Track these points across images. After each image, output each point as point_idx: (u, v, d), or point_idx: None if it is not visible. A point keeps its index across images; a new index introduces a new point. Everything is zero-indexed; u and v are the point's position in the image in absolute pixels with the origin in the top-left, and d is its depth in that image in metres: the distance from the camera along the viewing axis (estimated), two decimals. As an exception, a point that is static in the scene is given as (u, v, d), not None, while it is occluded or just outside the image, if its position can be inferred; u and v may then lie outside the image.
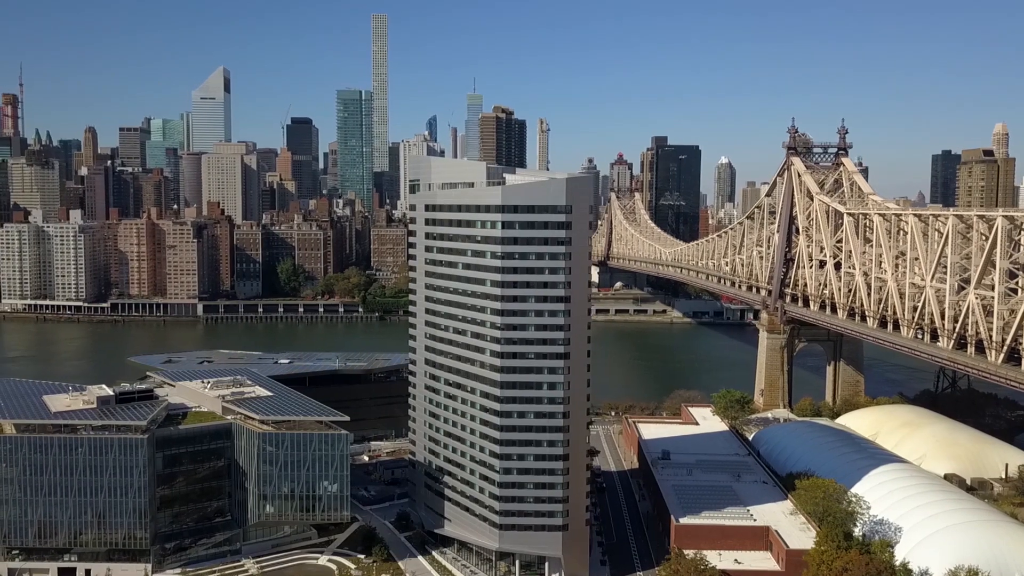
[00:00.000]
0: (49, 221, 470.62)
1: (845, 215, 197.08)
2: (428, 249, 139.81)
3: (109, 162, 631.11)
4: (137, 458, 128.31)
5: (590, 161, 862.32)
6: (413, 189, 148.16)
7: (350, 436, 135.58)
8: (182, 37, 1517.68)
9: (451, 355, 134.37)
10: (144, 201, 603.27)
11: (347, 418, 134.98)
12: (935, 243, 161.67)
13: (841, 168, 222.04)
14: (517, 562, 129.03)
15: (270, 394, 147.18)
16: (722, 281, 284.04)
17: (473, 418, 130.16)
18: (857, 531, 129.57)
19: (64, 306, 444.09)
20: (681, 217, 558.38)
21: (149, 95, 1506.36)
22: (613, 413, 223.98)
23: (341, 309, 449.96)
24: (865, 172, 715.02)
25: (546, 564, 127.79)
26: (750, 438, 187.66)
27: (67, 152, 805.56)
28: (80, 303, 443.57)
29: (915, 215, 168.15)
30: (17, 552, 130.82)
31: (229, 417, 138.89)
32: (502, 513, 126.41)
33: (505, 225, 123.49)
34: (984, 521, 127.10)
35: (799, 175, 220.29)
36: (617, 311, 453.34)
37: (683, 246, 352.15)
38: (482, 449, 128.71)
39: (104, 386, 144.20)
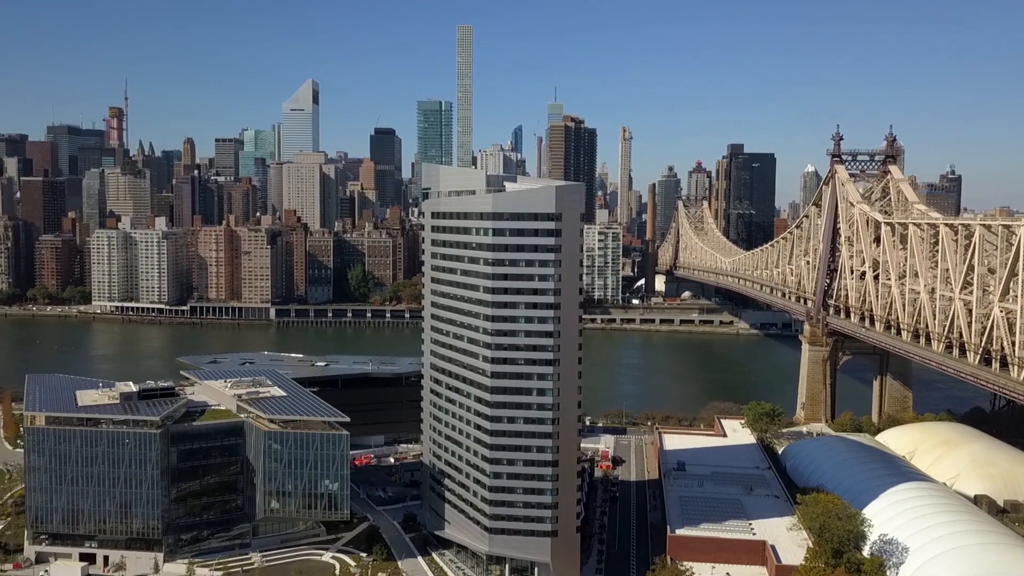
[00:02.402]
0: (137, 228, 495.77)
1: (882, 224, 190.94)
2: (434, 256, 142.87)
3: (196, 171, 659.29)
4: (151, 451, 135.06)
5: (670, 169, 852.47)
6: (426, 196, 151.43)
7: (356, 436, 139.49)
8: (275, 51, 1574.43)
9: (451, 360, 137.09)
10: (233, 209, 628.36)
11: (347, 419, 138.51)
12: (966, 254, 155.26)
13: (888, 176, 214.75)
14: (507, 566, 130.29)
15: (284, 394, 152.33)
16: (774, 291, 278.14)
17: (468, 422, 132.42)
18: (866, 550, 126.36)
19: (148, 308, 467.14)
20: (753, 226, 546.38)
21: (245, 107, 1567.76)
22: (649, 423, 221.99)
23: (407, 315, 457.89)
24: (958, 181, 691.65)
25: (535, 569, 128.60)
26: (780, 451, 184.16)
27: (169, 162, 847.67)
28: (162, 306, 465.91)
29: (946, 224, 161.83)
30: (45, 537, 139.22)
31: (242, 416, 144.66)
32: (492, 517, 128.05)
33: (496, 232, 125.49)
34: (994, 544, 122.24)
35: (842, 184, 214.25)
36: (682, 321, 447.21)
37: (741, 255, 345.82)
38: (475, 453, 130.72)
39: (131, 383, 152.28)
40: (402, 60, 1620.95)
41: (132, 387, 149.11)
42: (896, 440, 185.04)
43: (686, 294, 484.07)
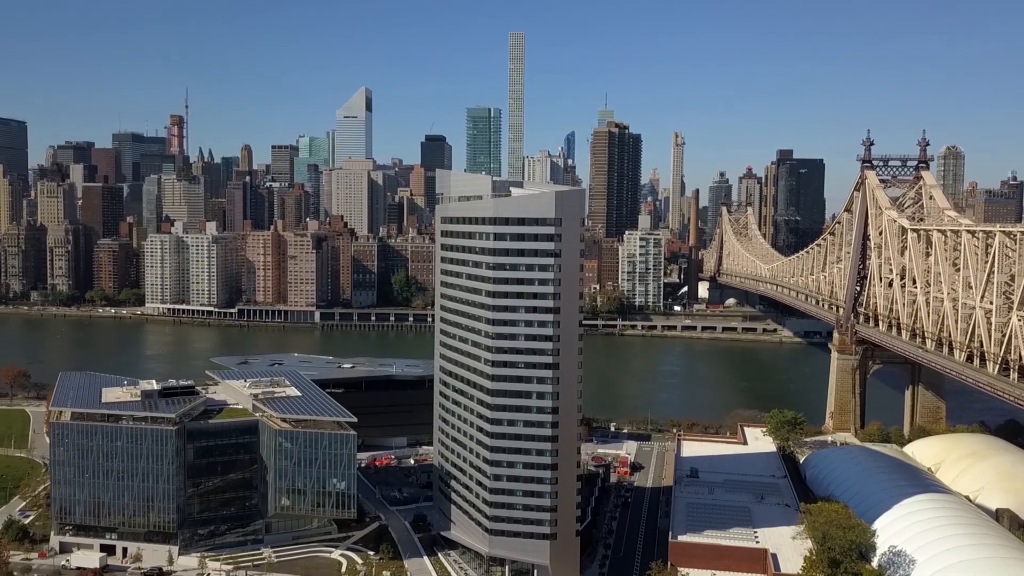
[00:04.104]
0: (190, 232, 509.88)
1: (908, 231, 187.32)
2: (443, 260, 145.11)
3: (247, 178, 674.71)
4: (167, 447, 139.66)
5: (721, 175, 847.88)
6: (439, 201, 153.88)
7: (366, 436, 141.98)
8: (330, 59, 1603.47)
9: (457, 363, 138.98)
10: (285, 214, 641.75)
11: (355, 419, 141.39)
12: (987, 261, 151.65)
13: (921, 182, 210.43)
14: (507, 568, 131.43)
15: (299, 394, 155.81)
16: (808, 298, 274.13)
17: (471, 424, 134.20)
18: (875, 561, 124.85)
19: (198, 310, 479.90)
20: (801, 233, 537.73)
21: (302, 115, 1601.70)
22: (675, 430, 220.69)
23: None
24: (1020, 188, 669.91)
25: (535, 572, 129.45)
26: (802, 460, 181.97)
27: (228, 169, 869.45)
28: (212, 308, 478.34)
29: (968, 231, 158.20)
30: (69, 528, 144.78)
31: (257, 414, 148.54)
32: (492, 519, 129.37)
33: (497, 237, 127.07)
34: (1005, 558, 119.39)
35: (872, 189, 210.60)
36: (724, 329, 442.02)
37: (779, 262, 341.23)
38: (477, 455, 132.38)
39: (153, 381, 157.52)
40: (454, 67, 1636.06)
41: (154, 385, 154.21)
42: (923, 451, 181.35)
43: (731, 301, 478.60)
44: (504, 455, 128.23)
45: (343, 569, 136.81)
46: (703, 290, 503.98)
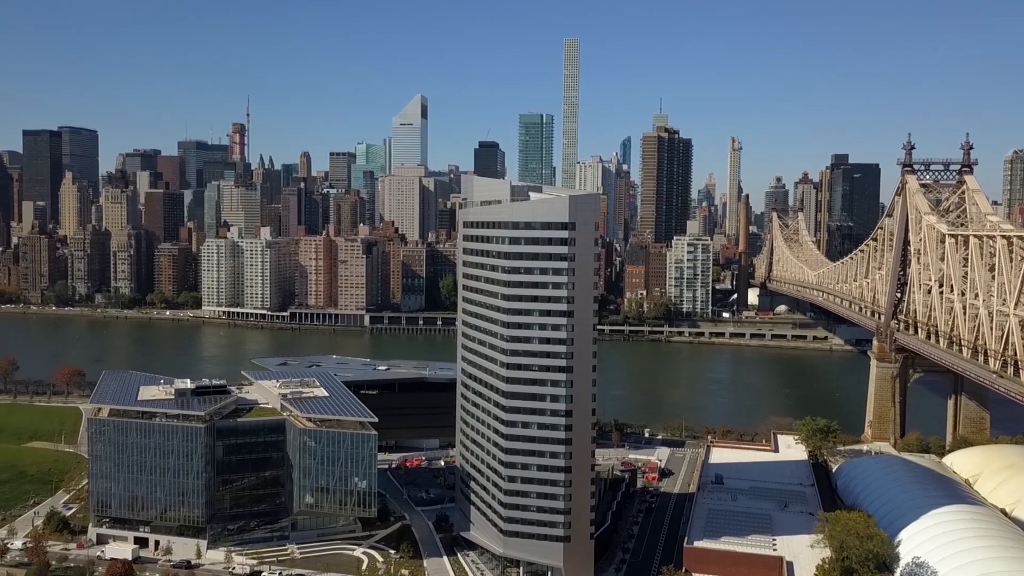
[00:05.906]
0: (245, 237, 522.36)
1: (947, 237, 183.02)
2: (464, 264, 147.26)
3: (302, 184, 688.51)
4: (196, 444, 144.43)
5: (778, 180, 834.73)
6: (461, 206, 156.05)
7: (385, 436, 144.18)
8: (388, 67, 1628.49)
9: (476, 365, 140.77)
10: (341, 220, 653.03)
11: (376, 419, 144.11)
12: (1021, 267, 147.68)
13: (964, 187, 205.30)
14: (522, 569, 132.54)
15: (326, 395, 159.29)
16: (852, 305, 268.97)
17: (488, 426, 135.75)
18: (897, 572, 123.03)
19: (252, 313, 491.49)
20: (854, 238, 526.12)
21: (360, 122, 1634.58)
22: (710, 437, 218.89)
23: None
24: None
25: (550, 574, 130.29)
26: (835, 469, 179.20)
27: (288, 175, 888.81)
28: (265, 311, 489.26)
29: (1003, 236, 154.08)
30: (106, 520, 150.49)
31: (285, 414, 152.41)
32: (506, 520, 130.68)
33: (512, 241, 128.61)
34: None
35: (912, 194, 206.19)
36: (773, 336, 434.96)
37: (825, 268, 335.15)
38: (493, 457, 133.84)
39: (188, 380, 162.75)
40: (510, 72, 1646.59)
41: (188, 384, 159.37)
42: (962, 463, 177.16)
43: (781, 308, 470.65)
44: (518, 457, 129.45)
45: (363, 566, 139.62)
46: (753, 297, 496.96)
